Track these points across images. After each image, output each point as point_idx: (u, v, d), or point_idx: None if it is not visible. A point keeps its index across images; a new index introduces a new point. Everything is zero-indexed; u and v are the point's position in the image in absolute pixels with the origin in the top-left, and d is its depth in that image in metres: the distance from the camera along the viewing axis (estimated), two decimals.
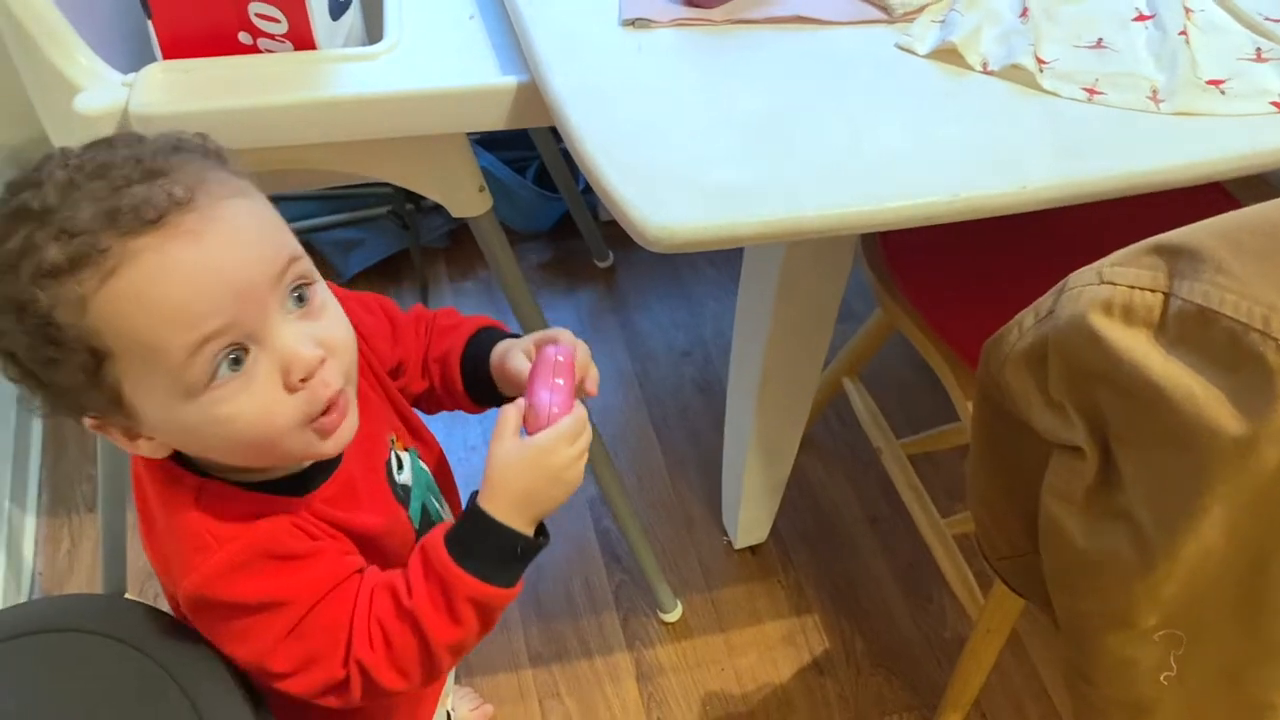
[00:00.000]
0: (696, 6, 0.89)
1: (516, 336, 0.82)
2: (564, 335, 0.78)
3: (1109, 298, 0.68)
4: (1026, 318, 0.77)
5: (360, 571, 0.68)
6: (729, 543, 1.46)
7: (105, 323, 0.56)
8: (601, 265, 1.83)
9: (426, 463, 0.83)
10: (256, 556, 0.64)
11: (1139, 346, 0.67)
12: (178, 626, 0.70)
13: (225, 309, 0.58)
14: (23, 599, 1.35)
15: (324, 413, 0.63)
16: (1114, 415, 0.72)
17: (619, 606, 1.39)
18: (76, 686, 0.66)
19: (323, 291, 0.65)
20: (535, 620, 1.37)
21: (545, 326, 1.12)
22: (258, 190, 0.63)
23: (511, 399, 0.73)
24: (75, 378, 0.58)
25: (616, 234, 1.96)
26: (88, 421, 0.62)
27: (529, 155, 1.80)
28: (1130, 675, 0.83)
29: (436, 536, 0.68)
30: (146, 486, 0.68)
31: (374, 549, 0.72)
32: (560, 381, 0.71)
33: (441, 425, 0.84)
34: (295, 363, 0.61)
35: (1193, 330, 0.64)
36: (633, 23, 0.88)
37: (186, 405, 0.59)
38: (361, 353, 0.71)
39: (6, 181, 0.59)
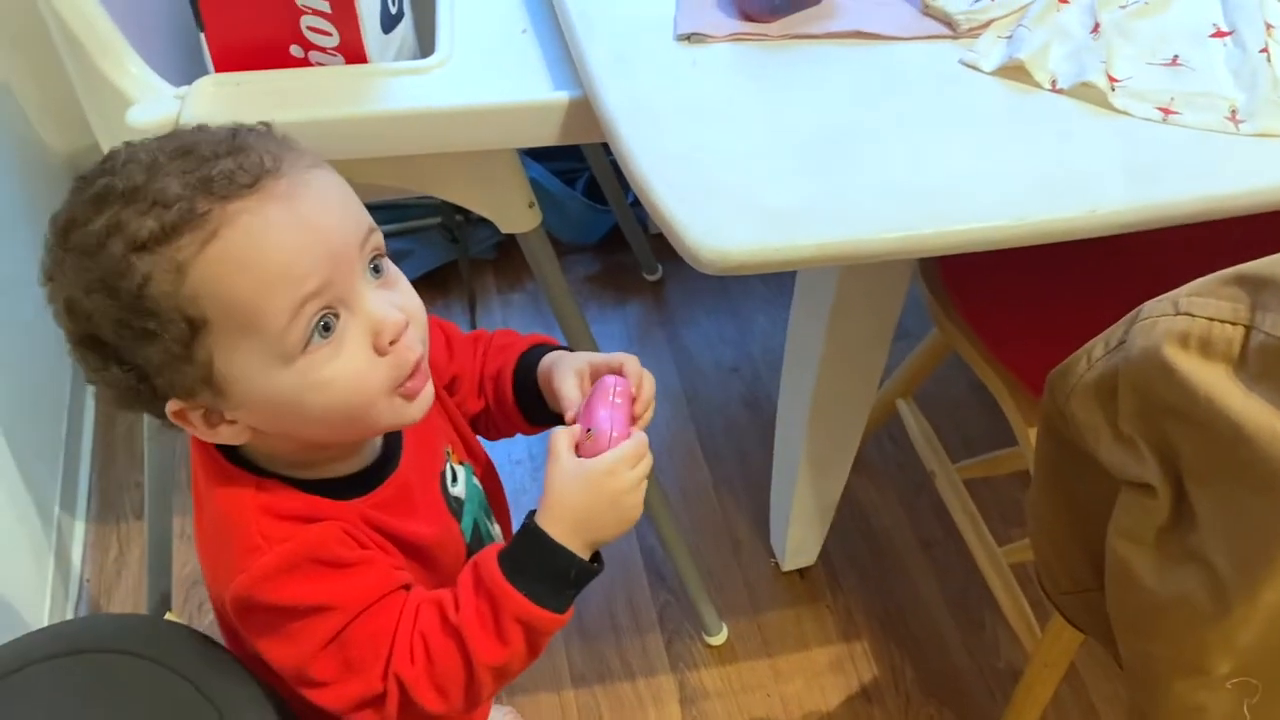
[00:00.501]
0: (753, 21, 0.87)
1: (568, 349, 0.81)
2: (630, 363, 0.76)
3: (1186, 329, 0.65)
4: (1096, 348, 0.74)
5: (407, 587, 0.68)
6: (776, 565, 1.43)
7: (204, 288, 0.56)
8: (650, 279, 1.82)
9: (480, 481, 0.82)
10: (305, 560, 0.63)
11: (1217, 382, 0.64)
12: (220, 653, 0.69)
13: (322, 269, 0.59)
14: (70, 606, 1.36)
15: (409, 377, 0.64)
16: (1189, 452, 0.69)
17: (663, 628, 1.37)
18: (115, 710, 0.65)
19: (393, 265, 0.66)
20: (578, 640, 1.35)
21: (592, 341, 1.11)
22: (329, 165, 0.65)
23: (562, 417, 0.72)
24: (168, 352, 0.58)
25: (666, 247, 1.93)
26: (171, 407, 0.61)
27: (579, 167, 1.79)
28: None
29: (490, 553, 0.67)
30: (202, 486, 0.68)
31: (425, 561, 0.72)
32: (619, 402, 0.70)
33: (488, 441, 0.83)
34: (385, 326, 0.62)
35: (1276, 366, 0.61)
36: (688, 37, 0.86)
37: (283, 372, 0.60)
38: None
39: (79, 175, 0.60)
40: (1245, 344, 0.63)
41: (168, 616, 0.74)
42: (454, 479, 0.78)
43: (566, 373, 0.76)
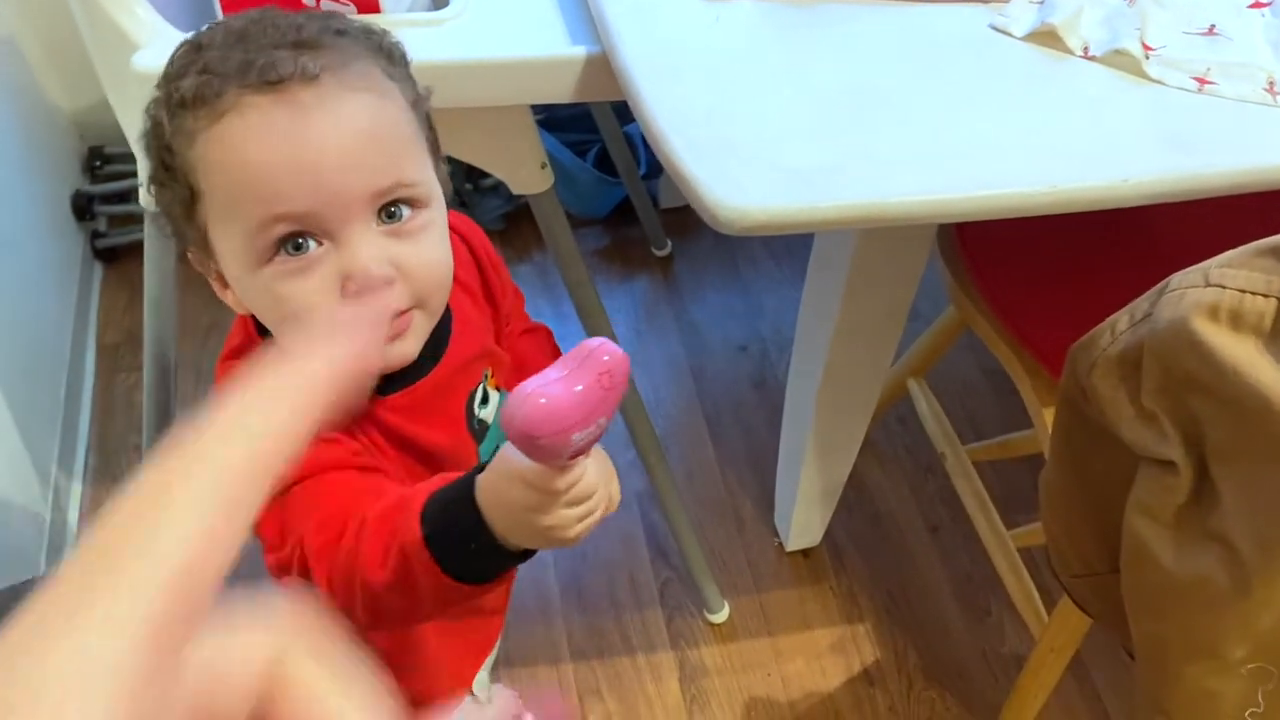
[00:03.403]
0: None
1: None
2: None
3: (1215, 301, 0.63)
4: (1120, 320, 0.72)
5: (364, 470, 0.63)
6: (780, 545, 1.41)
7: (203, 162, 0.58)
8: (659, 254, 1.80)
9: None
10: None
11: (1247, 355, 0.62)
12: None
13: (303, 195, 0.57)
14: None
15: None
16: (1214, 429, 0.67)
17: (664, 604, 1.35)
18: None
19: (429, 217, 0.63)
20: (577, 614, 1.33)
21: (602, 309, 1.09)
22: (414, 105, 0.64)
23: None
24: (176, 207, 0.61)
25: (675, 222, 1.93)
26: (191, 256, 0.65)
27: (591, 138, 1.77)
28: (1211, 709, 0.77)
29: (436, 482, 0.59)
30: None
31: (437, 468, 0.67)
32: (606, 387, 0.50)
33: None
34: (355, 273, 0.59)
35: None
36: None
37: (252, 274, 0.60)
38: (485, 277, 0.77)
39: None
40: (1278, 316, 0.61)
41: None
42: (484, 401, 0.74)
43: None
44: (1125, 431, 0.73)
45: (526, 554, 0.57)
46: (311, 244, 0.59)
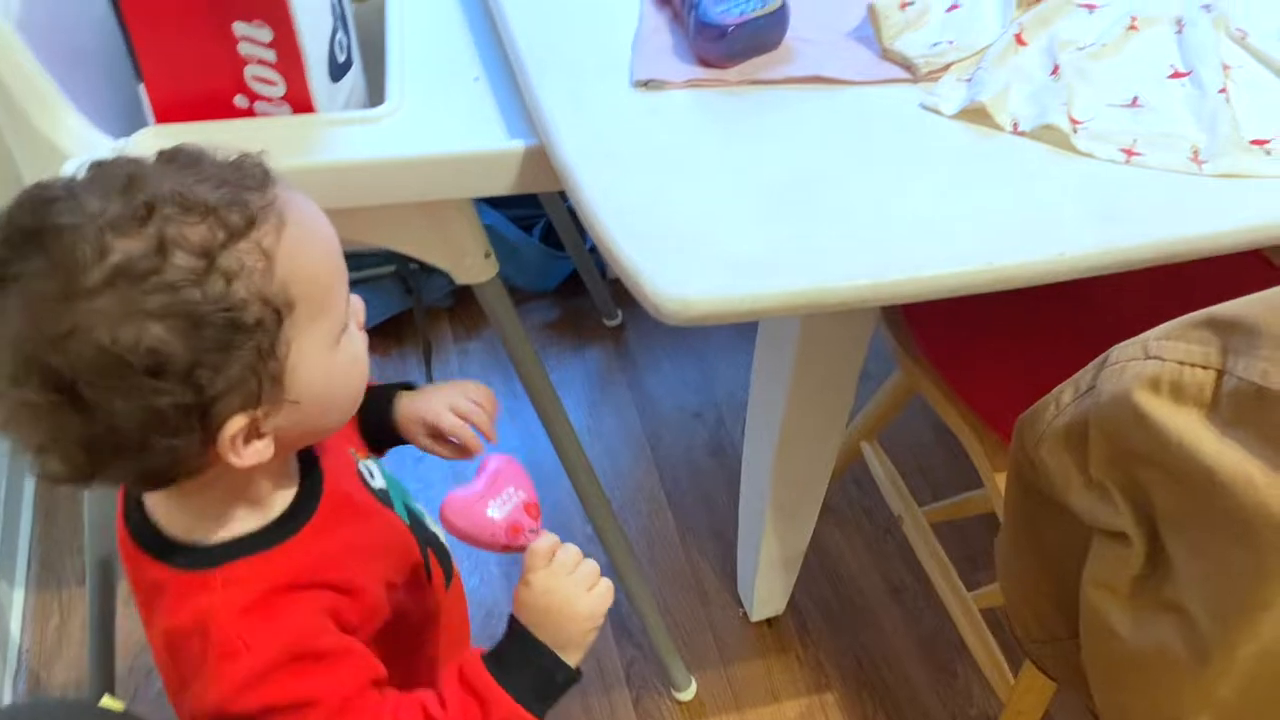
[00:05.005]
0: (710, 66, 0.86)
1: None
2: (471, 389, 0.81)
3: (1156, 374, 0.64)
4: (1065, 393, 0.73)
5: (380, 684, 0.66)
6: (744, 615, 1.40)
7: (290, 272, 0.56)
8: (610, 324, 1.80)
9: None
10: (290, 659, 0.60)
11: (1190, 427, 0.63)
12: None
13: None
14: (8, 677, 1.29)
15: None
16: (1163, 500, 0.67)
17: (630, 684, 1.33)
18: None
19: None
20: None
21: (552, 389, 1.08)
22: None
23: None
24: (256, 352, 0.55)
25: (625, 293, 1.91)
26: (232, 428, 0.56)
27: (536, 213, 1.77)
28: None
29: (476, 655, 0.67)
30: (151, 601, 0.63)
31: (385, 565, 0.70)
32: (518, 494, 0.70)
33: None
34: (358, 304, 0.65)
35: (1250, 411, 0.60)
36: (645, 84, 0.85)
37: (335, 353, 0.61)
38: None
39: (27, 231, 0.53)
40: (1217, 388, 0.62)
41: (105, 702, 0.69)
42: (371, 474, 0.76)
43: (442, 410, 0.80)
44: (1076, 503, 0.74)
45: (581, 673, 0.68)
46: None
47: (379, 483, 0.76)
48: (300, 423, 0.60)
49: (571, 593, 0.67)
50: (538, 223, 1.77)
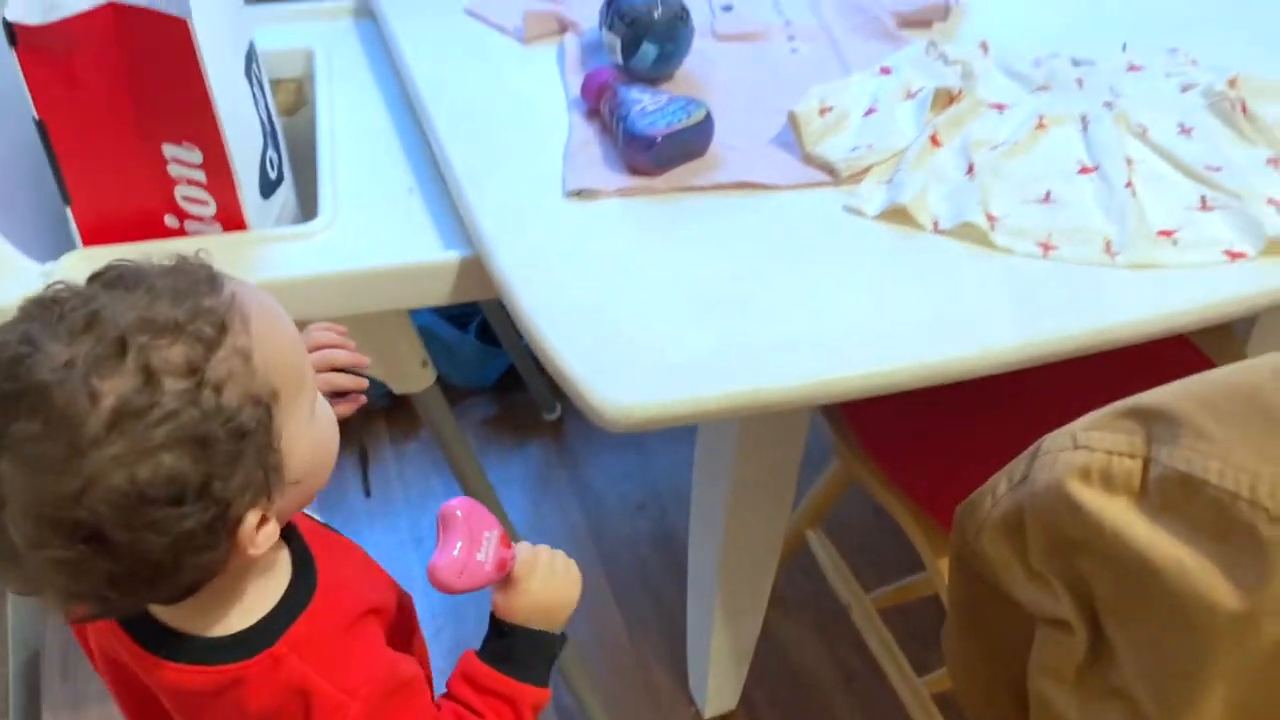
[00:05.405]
0: (640, 175, 0.88)
1: None
2: (316, 335, 0.78)
3: (1086, 464, 0.66)
4: (999, 483, 0.74)
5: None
6: (696, 712, 1.38)
7: (267, 360, 0.56)
8: (549, 418, 1.79)
9: None
10: (389, 694, 0.63)
11: (1122, 515, 0.64)
12: None
13: None
14: None
15: None
16: (1101, 587, 0.68)
17: None
18: None
19: None
20: None
21: (493, 493, 1.08)
22: None
23: None
24: (259, 450, 0.55)
25: None
26: (250, 521, 0.56)
27: (471, 310, 1.77)
28: None
29: (474, 660, 0.70)
30: (215, 686, 0.61)
31: (371, 579, 0.73)
32: (494, 534, 0.71)
33: None
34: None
35: (1177, 498, 0.62)
36: (578, 193, 0.86)
37: (313, 423, 0.61)
38: None
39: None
40: (1145, 476, 0.64)
41: None
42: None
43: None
44: (1019, 592, 0.75)
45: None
46: None
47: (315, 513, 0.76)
48: (298, 497, 0.62)
49: (560, 586, 0.72)
50: (473, 319, 1.78)
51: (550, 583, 0.71)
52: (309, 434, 0.60)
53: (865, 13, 1.04)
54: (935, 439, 1.10)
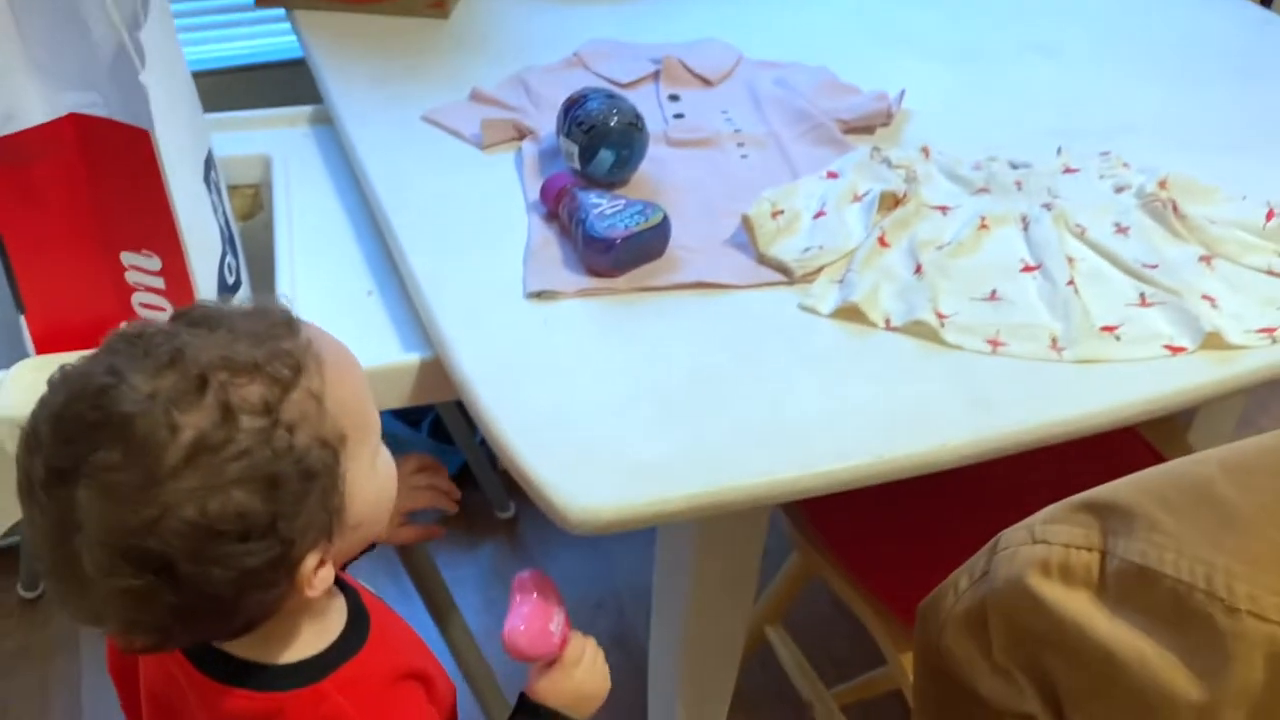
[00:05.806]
0: (599, 276, 0.89)
1: None
2: (411, 464, 0.92)
3: (1045, 557, 0.67)
4: (961, 579, 0.75)
5: None
6: None
7: (338, 406, 0.58)
8: (503, 516, 1.78)
9: None
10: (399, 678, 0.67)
11: (1082, 608, 0.65)
12: None
13: None
14: None
15: None
16: (1065, 680, 0.69)
17: None
18: None
19: None
20: None
21: (446, 593, 1.07)
22: None
23: None
24: (325, 491, 0.57)
25: (517, 483, 1.91)
26: (310, 563, 0.58)
27: (423, 408, 1.77)
28: None
29: None
30: (264, 711, 0.63)
31: (420, 651, 0.75)
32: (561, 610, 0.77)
33: None
34: None
35: (1135, 590, 0.63)
36: (538, 294, 0.87)
37: (375, 470, 0.63)
38: None
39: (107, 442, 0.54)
40: (1103, 569, 0.65)
41: None
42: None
43: (406, 492, 0.86)
44: (984, 688, 0.75)
45: None
46: None
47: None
48: (355, 542, 0.64)
49: (599, 680, 0.79)
50: (425, 416, 1.77)
51: (592, 673, 0.78)
52: (371, 480, 0.62)
53: (810, 119, 1.08)
54: (894, 533, 1.11)
